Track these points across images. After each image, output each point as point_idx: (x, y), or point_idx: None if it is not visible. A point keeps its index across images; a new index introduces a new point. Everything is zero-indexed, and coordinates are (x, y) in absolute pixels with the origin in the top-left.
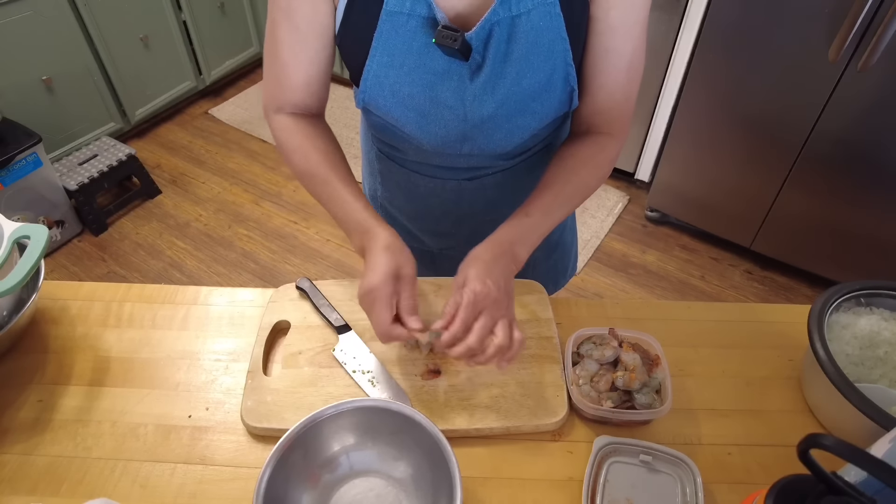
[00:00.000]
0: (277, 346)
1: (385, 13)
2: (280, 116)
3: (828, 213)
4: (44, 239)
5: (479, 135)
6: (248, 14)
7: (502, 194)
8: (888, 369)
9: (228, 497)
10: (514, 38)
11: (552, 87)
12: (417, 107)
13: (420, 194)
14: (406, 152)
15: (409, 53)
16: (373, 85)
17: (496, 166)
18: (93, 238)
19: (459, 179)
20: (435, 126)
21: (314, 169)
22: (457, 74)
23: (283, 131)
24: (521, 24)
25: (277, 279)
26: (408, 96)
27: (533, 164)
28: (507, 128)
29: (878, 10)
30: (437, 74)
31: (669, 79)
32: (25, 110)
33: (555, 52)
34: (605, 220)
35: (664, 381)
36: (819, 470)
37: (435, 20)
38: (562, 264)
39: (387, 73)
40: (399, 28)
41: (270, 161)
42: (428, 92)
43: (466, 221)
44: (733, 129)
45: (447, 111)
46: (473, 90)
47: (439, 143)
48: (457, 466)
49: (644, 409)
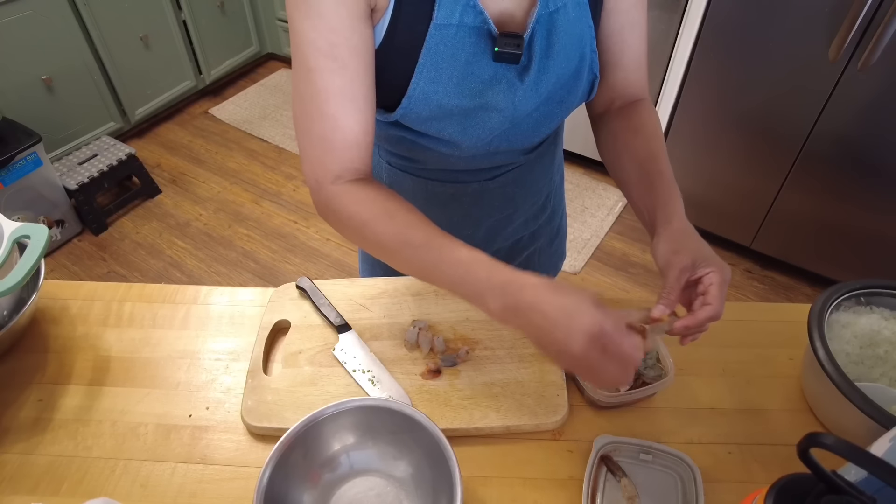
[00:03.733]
0: (278, 345)
1: (434, 27)
2: (341, 186)
3: (828, 213)
4: (44, 238)
5: (517, 132)
6: (247, 13)
7: (519, 189)
8: (888, 368)
9: (229, 496)
10: (554, 32)
11: (580, 76)
12: (463, 114)
13: (439, 202)
14: (426, 162)
15: (457, 64)
16: (418, 101)
17: (517, 161)
18: (93, 238)
19: (482, 181)
20: (478, 130)
21: (409, 234)
22: (505, 78)
23: (353, 203)
24: (559, 18)
25: (277, 278)
26: (455, 107)
27: (542, 154)
28: (543, 122)
29: (878, 9)
30: (485, 82)
31: (669, 78)
32: (25, 110)
33: (584, 41)
34: (606, 219)
35: (660, 349)
36: (819, 469)
37: (482, 30)
38: (560, 249)
39: (435, 89)
40: (447, 40)
41: (270, 160)
42: (477, 100)
43: (484, 222)
44: (733, 129)
45: (496, 114)
46: (524, 90)
47: (475, 144)
48: (457, 466)
49: (656, 382)
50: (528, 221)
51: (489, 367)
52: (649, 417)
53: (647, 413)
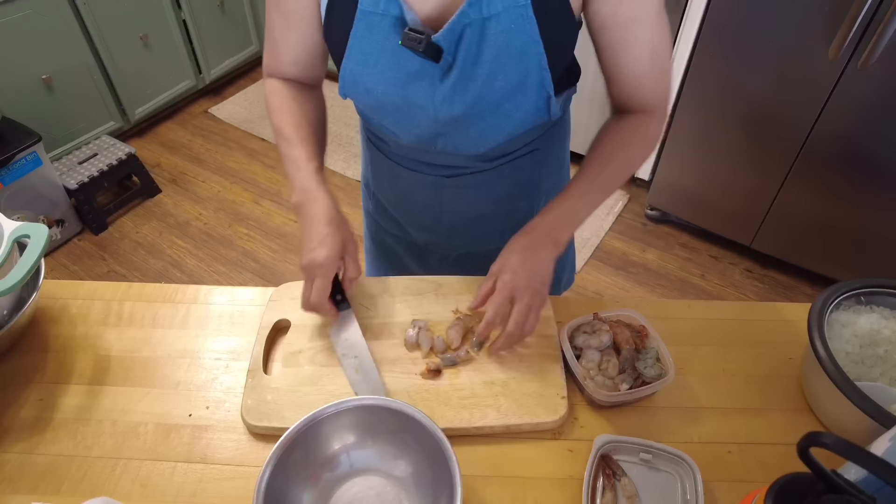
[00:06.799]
0: (278, 344)
1: (360, 13)
2: (272, 80)
3: (828, 212)
4: (44, 238)
5: (452, 133)
6: (247, 13)
7: (483, 195)
8: (888, 367)
9: (229, 496)
10: (485, 40)
11: (526, 90)
12: (391, 104)
13: (403, 186)
14: (390, 144)
15: (383, 53)
16: (349, 82)
17: (474, 167)
18: (93, 237)
19: (438, 175)
20: (409, 124)
21: (283, 127)
22: (428, 75)
23: (271, 93)
24: (492, 26)
25: (277, 278)
26: (382, 94)
27: (516, 168)
28: (479, 128)
29: (878, 8)
30: (410, 74)
31: None
32: (25, 109)
33: (528, 56)
34: (605, 218)
35: (659, 347)
36: (819, 468)
37: (404, 21)
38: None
39: (361, 72)
40: (373, 28)
41: (270, 160)
42: (400, 91)
43: (446, 218)
44: (733, 128)
45: (419, 110)
46: (443, 91)
47: (414, 139)
48: (457, 465)
49: (656, 381)
50: (505, 234)
51: (489, 366)
52: (649, 417)
53: (647, 413)
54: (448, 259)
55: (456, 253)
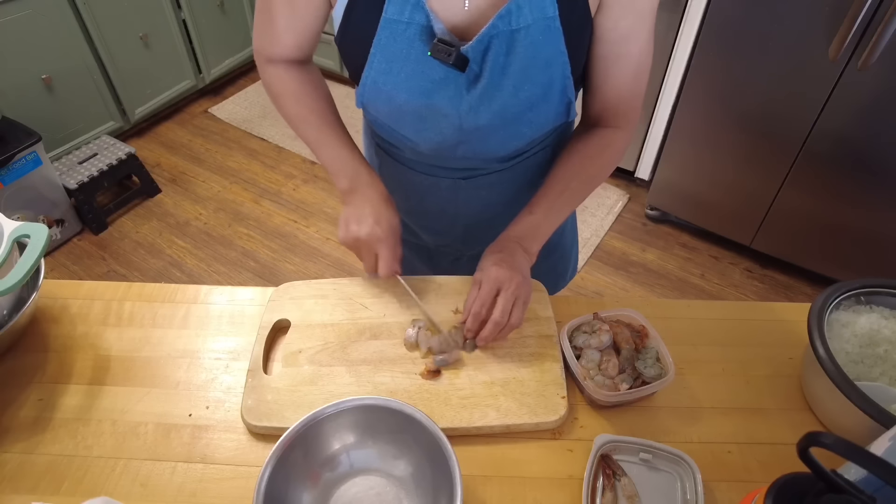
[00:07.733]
0: (278, 344)
1: (384, 21)
2: (272, 66)
3: (828, 212)
4: (44, 238)
5: (474, 141)
6: (247, 13)
7: (498, 195)
8: (888, 367)
9: (229, 496)
10: (513, 51)
11: (549, 98)
12: (414, 112)
13: (416, 191)
14: (403, 150)
15: (408, 61)
16: (371, 90)
17: (491, 168)
18: (93, 237)
19: (455, 178)
20: (430, 132)
21: (306, 113)
22: (453, 84)
23: (275, 78)
24: (521, 38)
25: (277, 278)
26: (405, 102)
27: (530, 166)
28: (502, 136)
29: (878, 8)
30: (435, 83)
31: (669, 77)
32: (25, 109)
33: (553, 66)
34: (605, 218)
35: (659, 347)
36: (819, 468)
37: (433, 30)
38: (561, 266)
39: (385, 80)
40: (398, 36)
41: (270, 160)
42: (424, 100)
43: (461, 220)
44: (733, 128)
45: (443, 119)
46: (469, 100)
47: (434, 147)
48: (457, 465)
49: (655, 381)
50: None
51: (489, 366)
52: (649, 417)
53: (647, 412)
54: (461, 260)
55: (469, 253)
